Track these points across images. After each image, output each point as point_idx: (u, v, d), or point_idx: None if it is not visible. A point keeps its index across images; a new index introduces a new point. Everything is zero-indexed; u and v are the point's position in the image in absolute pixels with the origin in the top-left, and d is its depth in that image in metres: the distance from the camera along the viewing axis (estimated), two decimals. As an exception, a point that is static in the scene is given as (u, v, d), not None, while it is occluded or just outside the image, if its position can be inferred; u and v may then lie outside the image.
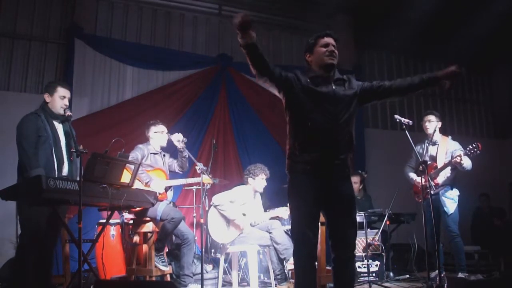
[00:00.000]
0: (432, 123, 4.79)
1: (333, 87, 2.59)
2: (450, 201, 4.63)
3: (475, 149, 4.39)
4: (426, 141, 4.83)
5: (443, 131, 4.95)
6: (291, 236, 2.60)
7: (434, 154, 4.75)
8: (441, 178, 4.63)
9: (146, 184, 4.19)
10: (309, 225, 2.53)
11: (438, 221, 4.60)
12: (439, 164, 4.66)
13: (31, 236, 3.21)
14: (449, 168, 4.60)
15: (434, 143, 4.80)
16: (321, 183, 2.52)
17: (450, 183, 4.66)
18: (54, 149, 3.38)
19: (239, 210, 4.62)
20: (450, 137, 4.88)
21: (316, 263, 2.64)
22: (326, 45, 2.61)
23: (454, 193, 4.67)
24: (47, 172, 3.25)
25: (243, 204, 4.69)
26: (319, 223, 2.68)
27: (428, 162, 4.62)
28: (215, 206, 4.60)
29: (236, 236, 4.52)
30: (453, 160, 4.48)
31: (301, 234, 2.52)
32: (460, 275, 4.50)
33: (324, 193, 2.54)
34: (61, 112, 3.50)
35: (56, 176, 3.31)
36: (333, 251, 2.61)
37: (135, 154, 4.25)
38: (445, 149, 4.71)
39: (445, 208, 4.60)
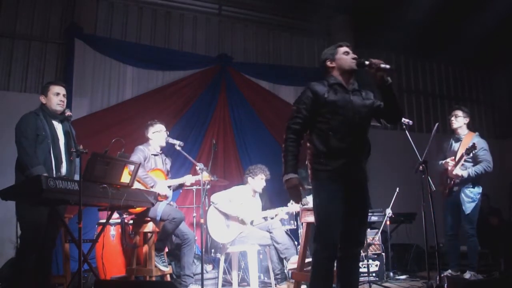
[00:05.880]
0: (459, 119, 4.80)
1: (351, 96, 2.69)
2: (469, 199, 4.56)
3: (471, 149, 4.42)
4: (452, 137, 4.84)
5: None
6: (313, 239, 2.61)
7: (456, 150, 4.73)
8: (463, 173, 4.56)
9: (152, 188, 4.19)
10: (335, 227, 2.56)
11: (458, 218, 4.62)
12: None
13: (30, 236, 3.21)
14: (470, 164, 4.59)
15: (458, 139, 4.80)
16: (344, 187, 2.60)
17: (472, 180, 4.58)
18: (52, 148, 3.38)
19: (237, 210, 4.62)
20: (477, 133, 4.81)
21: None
22: (347, 52, 2.75)
23: (475, 191, 4.60)
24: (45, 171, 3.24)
25: (240, 204, 4.70)
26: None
27: (451, 158, 4.68)
28: (214, 205, 4.61)
29: (236, 235, 4.53)
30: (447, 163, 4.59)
31: (325, 237, 2.55)
32: (467, 274, 4.49)
33: (346, 196, 2.60)
34: (58, 108, 3.52)
35: (54, 175, 3.31)
36: (341, 249, 2.62)
37: (137, 157, 4.21)
38: (466, 146, 4.61)
39: (463, 207, 4.55)
